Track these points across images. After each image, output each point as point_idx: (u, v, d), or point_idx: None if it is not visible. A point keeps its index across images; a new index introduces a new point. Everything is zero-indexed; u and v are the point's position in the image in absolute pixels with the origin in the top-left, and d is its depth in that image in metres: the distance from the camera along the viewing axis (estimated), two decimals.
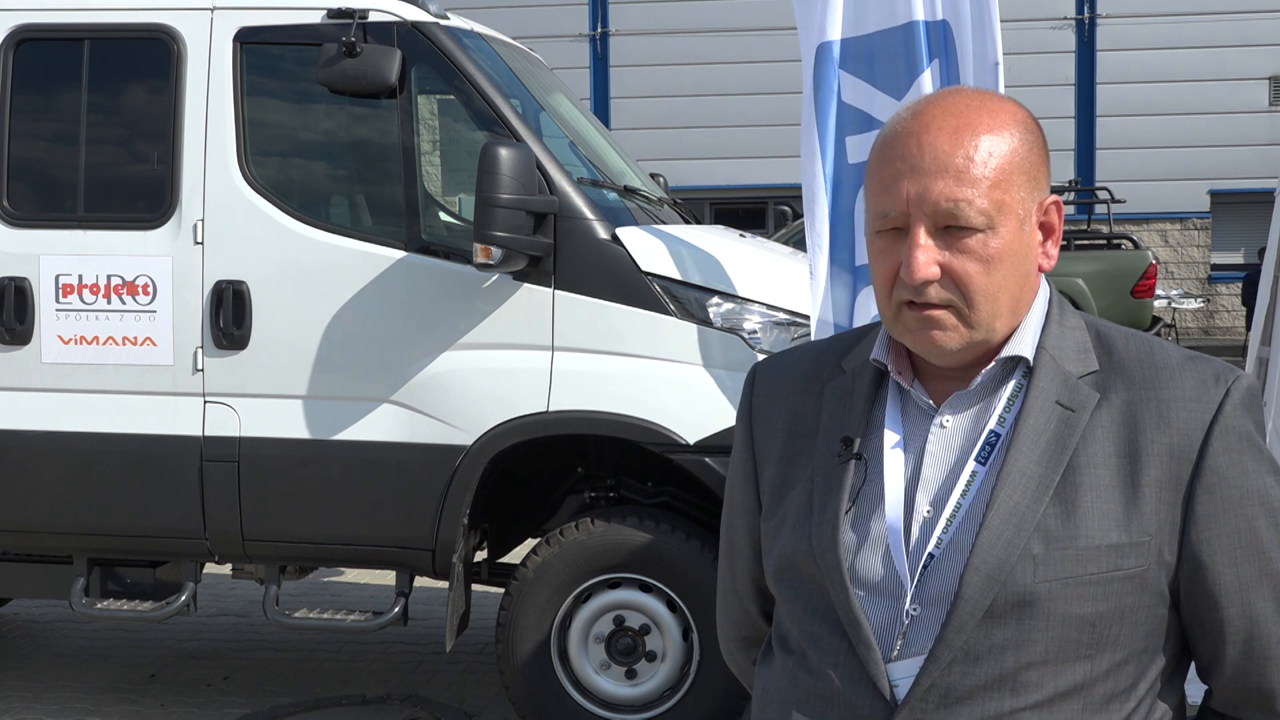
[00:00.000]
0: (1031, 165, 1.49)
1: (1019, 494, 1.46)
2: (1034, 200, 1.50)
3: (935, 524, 1.49)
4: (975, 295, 1.46)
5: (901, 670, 1.47)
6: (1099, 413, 1.49)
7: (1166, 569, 1.47)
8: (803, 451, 1.62)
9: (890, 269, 1.48)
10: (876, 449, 1.55)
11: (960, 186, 1.44)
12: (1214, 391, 1.49)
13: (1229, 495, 1.47)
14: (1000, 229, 1.46)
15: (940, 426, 1.53)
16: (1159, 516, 1.46)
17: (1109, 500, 1.46)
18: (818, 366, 1.67)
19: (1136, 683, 1.49)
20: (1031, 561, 1.44)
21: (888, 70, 4.27)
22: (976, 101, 1.50)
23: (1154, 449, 1.47)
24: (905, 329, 1.50)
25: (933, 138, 1.46)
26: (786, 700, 1.57)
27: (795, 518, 1.58)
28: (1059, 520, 1.45)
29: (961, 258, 1.45)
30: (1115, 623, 1.45)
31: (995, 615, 1.44)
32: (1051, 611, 1.43)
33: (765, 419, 1.69)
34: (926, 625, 1.47)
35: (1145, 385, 1.50)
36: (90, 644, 6.13)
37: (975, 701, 1.44)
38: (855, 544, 1.52)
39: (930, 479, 1.51)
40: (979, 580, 1.44)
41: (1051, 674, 1.44)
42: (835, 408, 1.61)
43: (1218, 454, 1.47)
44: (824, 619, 1.53)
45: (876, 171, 1.50)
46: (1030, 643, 1.44)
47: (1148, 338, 1.57)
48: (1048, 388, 1.50)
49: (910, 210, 1.46)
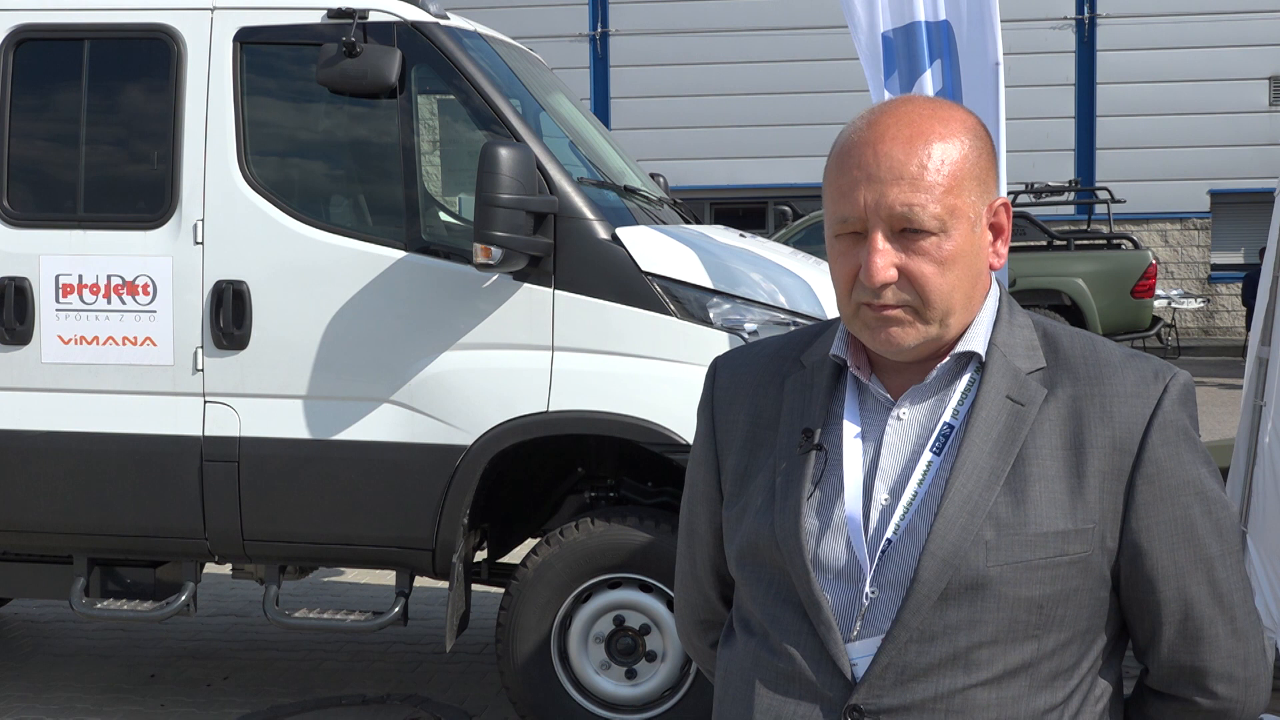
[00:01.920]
0: (981, 170, 1.57)
1: (972, 483, 1.54)
2: (984, 203, 1.58)
3: (893, 511, 1.56)
4: (931, 295, 1.54)
5: (860, 649, 1.55)
6: (1046, 407, 1.57)
7: (1109, 554, 1.55)
8: (764, 442, 1.69)
9: (850, 271, 1.56)
10: (836, 440, 1.62)
11: (915, 192, 1.51)
12: (1153, 388, 1.57)
13: (1166, 485, 1.55)
14: (953, 232, 1.53)
15: (897, 419, 1.61)
16: (1102, 505, 1.54)
17: (1056, 490, 1.54)
18: (778, 361, 1.74)
19: (1080, 661, 1.57)
20: (984, 547, 1.51)
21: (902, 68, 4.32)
22: (929, 110, 1.57)
23: (1097, 441, 1.55)
24: (864, 326, 1.58)
25: (888, 146, 1.53)
26: (749, 676, 1.63)
27: (758, 505, 1.65)
28: (1009, 508, 1.53)
29: (917, 259, 1.53)
30: (1061, 605, 1.53)
31: (949, 597, 1.51)
32: (1002, 594, 1.51)
33: (727, 410, 1.75)
34: (884, 607, 1.54)
35: (1089, 381, 1.58)
36: (90, 644, 6.13)
37: (930, 679, 1.52)
38: (817, 530, 1.59)
39: (888, 468, 1.59)
40: (935, 564, 1.51)
41: (1001, 653, 1.52)
42: (796, 400, 1.68)
43: (1157, 446, 1.55)
44: (785, 601, 1.60)
45: (835, 179, 1.57)
46: (982, 623, 1.52)
47: (1091, 336, 1.66)
48: (999, 383, 1.58)
49: (868, 216, 1.53)
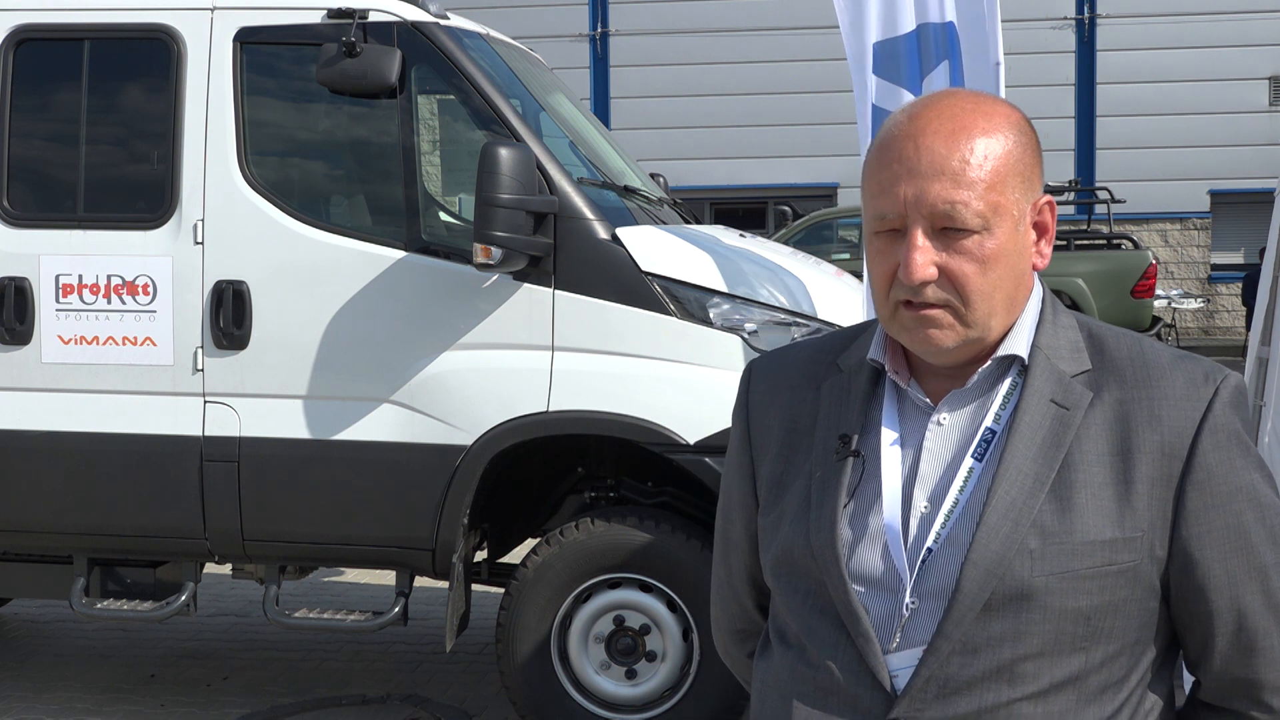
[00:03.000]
0: (1026, 167, 1.51)
1: (1016, 490, 1.48)
2: (1028, 201, 1.52)
3: (933, 519, 1.51)
4: (972, 295, 1.48)
5: (900, 661, 1.50)
6: (1092, 411, 1.52)
7: (1158, 563, 1.50)
8: (800, 448, 1.64)
9: (888, 269, 1.50)
10: (874, 446, 1.57)
11: (957, 189, 1.46)
12: (1204, 391, 1.51)
13: (1218, 491, 1.50)
14: (996, 230, 1.48)
15: (937, 424, 1.55)
16: (1151, 512, 1.49)
17: (1103, 497, 1.48)
18: (814, 364, 1.68)
19: (1129, 674, 1.52)
20: (1029, 556, 1.46)
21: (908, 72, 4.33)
22: (972, 104, 1.52)
23: (1146, 447, 1.50)
24: (902, 328, 1.52)
25: (929, 140, 1.48)
26: (787, 692, 1.58)
27: (794, 513, 1.60)
28: (1055, 516, 1.48)
29: (958, 258, 1.47)
30: (1109, 616, 1.48)
31: (993, 608, 1.46)
32: (1048, 605, 1.46)
33: (762, 415, 1.70)
34: (925, 618, 1.49)
35: (1137, 384, 1.53)
36: (90, 644, 6.13)
37: (973, 692, 1.47)
38: (853, 539, 1.54)
39: (928, 475, 1.54)
40: (977, 574, 1.46)
41: (1048, 665, 1.47)
42: (832, 405, 1.63)
43: (1207, 451, 1.50)
44: (822, 613, 1.56)
45: (874, 174, 1.51)
46: (1027, 635, 1.46)
47: (1138, 337, 1.60)
48: (1043, 386, 1.53)
49: (908, 212, 1.47)
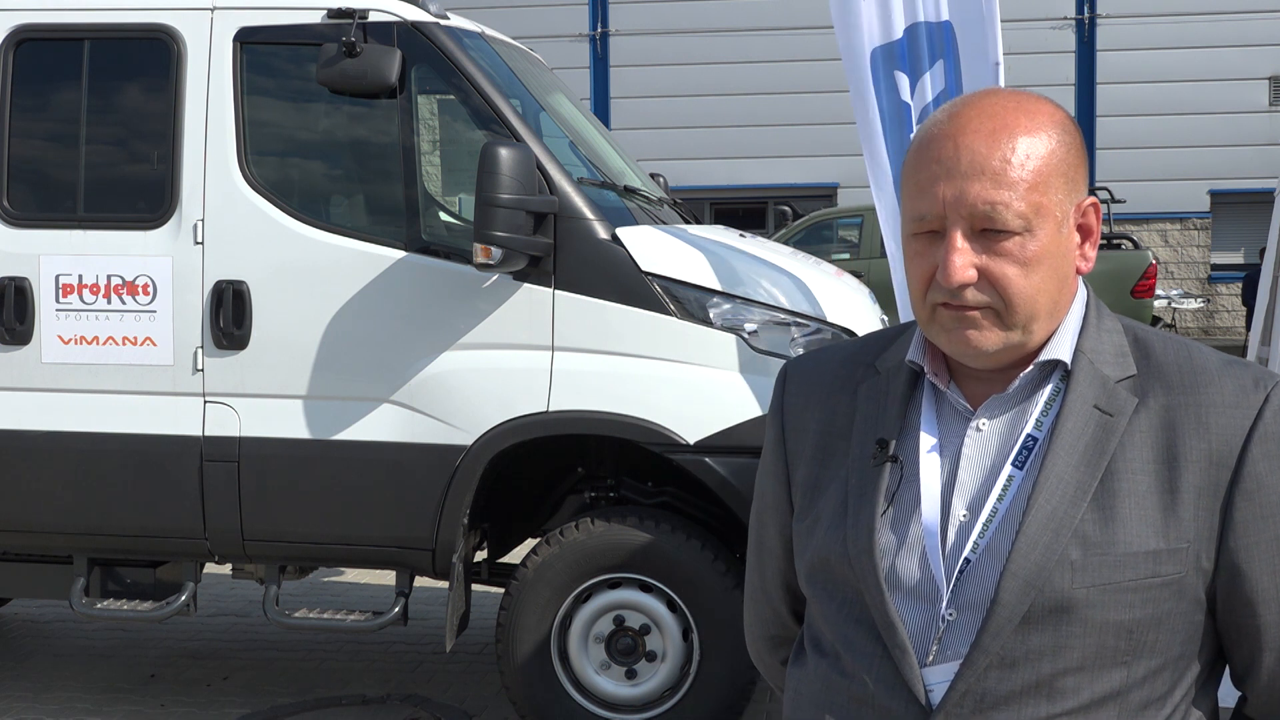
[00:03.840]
0: (1069, 167, 1.47)
1: (1056, 499, 1.44)
2: (1072, 202, 1.48)
3: (971, 528, 1.48)
4: (1014, 298, 1.44)
5: (937, 675, 1.46)
6: (1137, 418, 1.48)
7: (1204, 575, 1.46)
8: (836, 452, 1.60)
9: (927, 271, 1.47)
10: (912, 451, 1.54)
11: (998, 189, 1.42)
12: (1254, 397, 1.47)
13: (1269, 502, 1.46)
14: (1038, 232, 1.44)
15: (976, 430, 1.52)
16: (1197, 523, 1.45)
17: (1147, 506, 1.44)
18: (850, 367, 1.65)
19: (1172, 689, 1.48)
20: (1069, 567, 1.43)
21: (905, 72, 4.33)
22: (1014, 103, 1.48)
23: (1192, 455, 1.45)
24: (941, 329, 1.49)
25: (970, 139, 1.44)
26: (820, 703, 1.56)
27: (830, 519, 1.57)
28: (1097, 526, 1.44)
29: (999, 261, 1.44)
30: (1153, 629, 1.44)
31: (1032, 621, 1.43)
32: (1089, 618, 1.43)
33: (797, 418, 1.67)
34: (962, 630, 1.46)
35: (1184, 390, 1.49)
36: (90, 644, 6.13)
37: (1011, 707, 1.43)
38: (891, 547, 1.51)
39: (966, 483, 1.50)
40: (1016, 586, 1.43)
41: (1088, 680, 1.43)
42: (869, 409, 1.59)
43: (1257, 460, 1.45)
44: (858, 622, 1.52)
45: (913, 174, 1.48)
46: (1067, 649, 1.43)
47: (1186, 342, 1.56)
48: (1085, 392, 1.49)
49: (947, 213, 1.44)
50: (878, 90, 4.41)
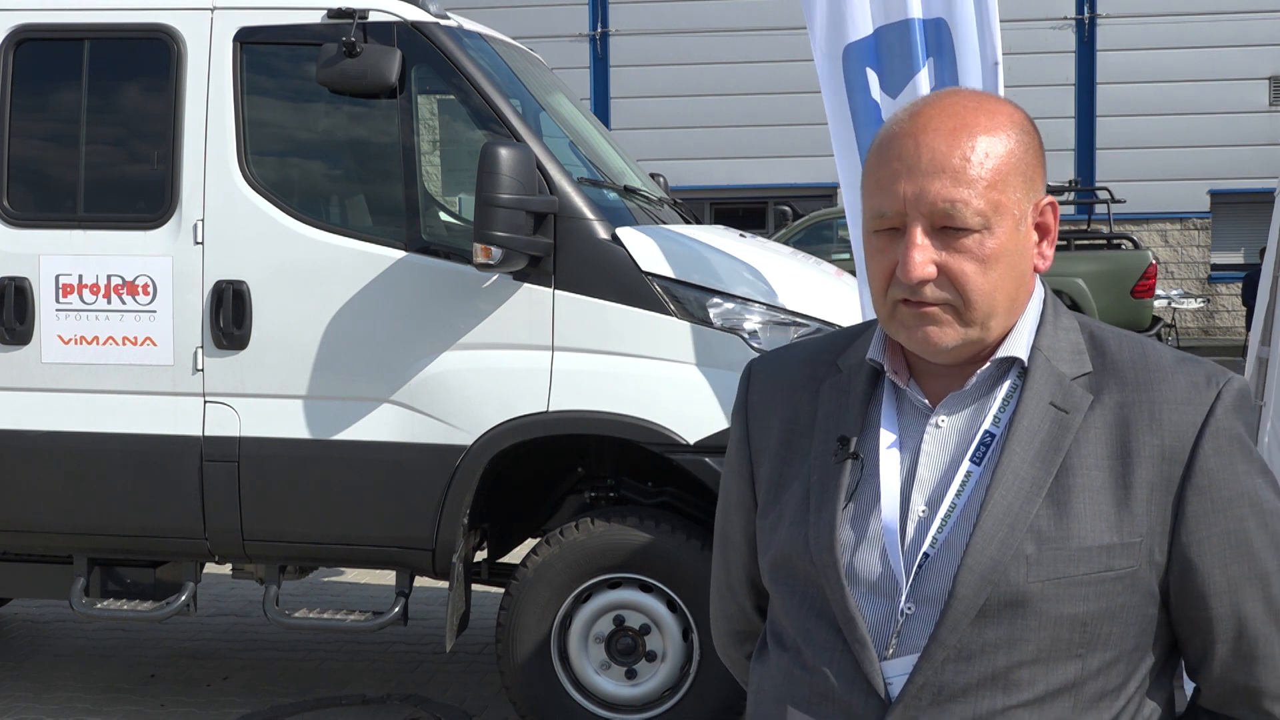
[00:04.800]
0: (1028, 166, 1.50)
1: (1013, 494, 1.47)
2: (1030, 201, 1.51)
3: (930, 523, 1.50)
4: (972, 295, 1.47)
5: (896, 668, 1.48)
6: (1092, 414, 1.50)
7: (1157, 569, 1.48)
8: (799, 449, 1.63)
9: (887, 268, 1.49)
10: (873, 448, 1.56)
11: (957, 187, 1.45)
12: (1205, 394, 1.50)
13: (1219, 496, 1.48)
14: (997, 229, 1.47)
15: (936, 426, 1.54)
16: (1150, 517, 1.47)
17: (1101, 501, 1.47)
18: (813, 364, 1.67)
19: (1126, 681, 1.50)
20: (1024, 562, 1.45)
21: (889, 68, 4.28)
22: (974, 103, 1.51)
23: (1146, 450, 1.48)
24: (901, 325, 1.51)
25: (930, 138, 1.46)
26: (781, 697, 1.58)
27: (792, 515, 1.59)
28: (1052, 521, 1.46)
29: (958, 258, 1.46)
30: (1106, 622, 1.47)
31: (988, 614, 1.45)
32: (1044, 611, 1.45)
33: (761, 416, 1.69)
34: (921, 624, 1.48)
35: (1138, 387, 1.51)
36: (90, 644, 6.13)
37: (968, 699, 1.46)
38: (852, 542, 1.53)
39: (925, 479, 1.53)
40: (973, 580, 1.45)
41: (1043, 672, 1.46)
42: (831, 406, 1.61)
43: (1209, 456, 1.48)
44: (819, 616, 1.55)
45: (874, 171, 1.50)
46: (1023, 642, 1.45)
47: (1140, 339, 1.59)
48: (1042, 389, 1.51)
49: (907, 210, 1.46)
50: (850, 88, 4.38)
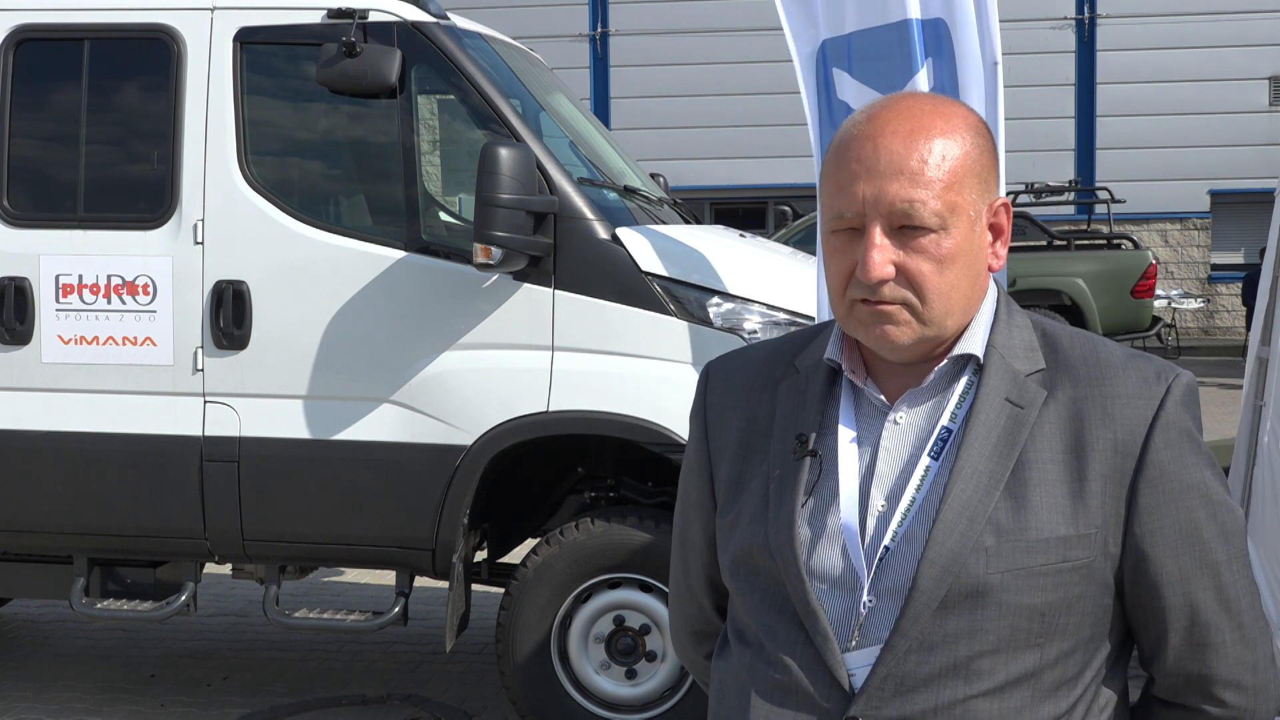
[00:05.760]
0: (982, 168, 1.54)
1: (971, 488, 1.50)
2: (984, 202, 1.54)
3: (890, 518, 1.53)
4: (929, 293, 1.50)
5: (858, 660, 1.51)
6: (1046, 409, 1.54)
7: (1111, 560, 1.52)
8: (758, 449, 1.65)
9: (845, 267, 1.52)
10: (831, 445, 1.59)
11: (915, 188, 1.48)
12: (1155, 389, 1.53)
13: (1170, 488, 1.52)
14: (953, 229, 1.50)
15: (894, 423, 1.57)
16: (1104, 510, 1.51)
17: (1057, 494, 1.50)
18: (771, 365, 1.70)
19: (1083, 670, 1.53)
20: (984, 553, 1.48)
21: (879, 68, 4.25)
22: (930, 106, 1.54)
23: (1099, 444, 1.51)
24: (859, 323, 1.54)
25: (888, 140, 1.49)
26: (745, 689, 1.60)
27: (751, 513, 1.61)
28: (1010, 514, 1.49)
29: (915, 257, 1.49)
30: (1064, 612, 1.50)
31: (949, 606, 1.48)
32: (1003, 601, 1.48)
33: (720, 416, 1.72)
34: (882, 616, 1.51)
35: (1090, 383, 1.55)
36: (90, 644, 6.13)
37: (930, 689, 1.48)
38: (811, 538, 1.56)
39: (884, 474, 1.55)
40: (934, 572, 1.48)
41: (1003, 662, 1.49)
42: (789, 405, 1.64)
43: (1159, 449, 1.51)
44: (780, 611, 1.57)
45: (832, 173, 1.53)
46: (983, 632, 1.48)
47: (1092, 336, 1.62)
48: (998, 385, 1.55)
49: (866, 211, 1.49)
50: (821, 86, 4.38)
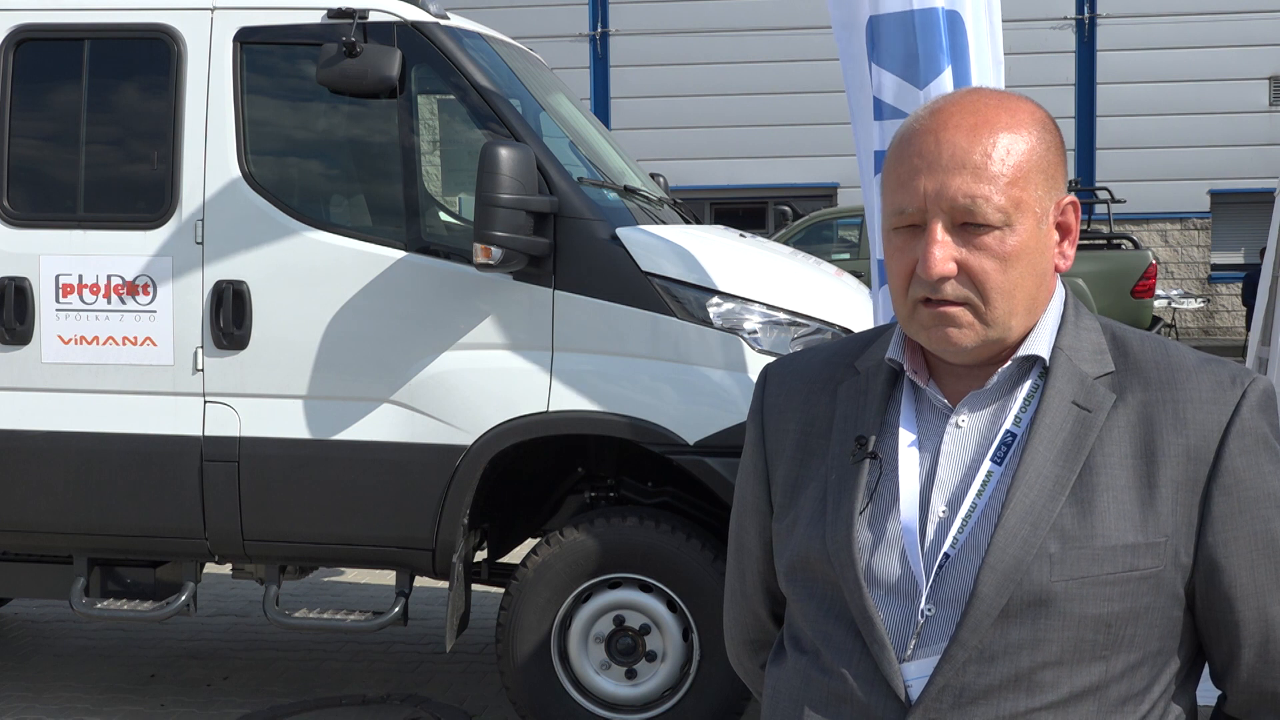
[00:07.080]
0: (1049, 165, 1.49)
1: (1035, 494, 1.45)
2: (1051, 199, 1.49)
3: (951, 524, 1.48)
4: (991, 292, 1.46)
5: (915, 670, 1.46)
6: (1115, 413, 1.49)
7: (1182, 570, 1.46)
8: (816, 451, 1.61)
9: (907, 266, 1.48)
10: (891, 448, 1.54)
11: (978, 183, 1.44)
12: (1230, 393, 1.48)
13: (1245, 497, 1.46)
14: (1017, 227, 1.46)
15: (956, 426, 1.53)
16: (1175, 518, 1.45)
17: (1125, 501, 1.45)
18: (831, 367, 1.66)
19: (1151, 685, 1.48)
20: (1048, 561, 1.43)
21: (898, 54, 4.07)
22: (996, 100, 1.50)
23: (1170, 450, 1.46)
24: (921, 326, 1.50)
25: (951, 134, 1.46)
26: (798, 699, 1.56)
27: (809, 517, 1.57)
28: (1075, 520, 1.44)
29: (978, 255, 1.45)
30: (1131, 623, 1.45)
31: (1011, 615, 1.43)
32: (1067, 611, 1.43)
33: (778, 418, 1.67)
34: (941, 625, 1.46)
35: (1161, 387, 1.50)
36: (90, 644, 6.13)
37: (990, 701, 1.43)
38: (870, 544, 1.51)
39: (945, 479, 1.51)
40: (995, 579, 1.43)
41: (1067, 674, 1.44)
42: (849, 407, 1.60)
43: (1234, 455, 1.46)
44: (837, 618, 1.53)
45: (894, 168, 1.50)
46: (1046, 642, 1.43)
47: (1163, 340, 1.57)
48: (1064, 388, 1.50)
49: (928, 206, 1.45)
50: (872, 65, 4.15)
